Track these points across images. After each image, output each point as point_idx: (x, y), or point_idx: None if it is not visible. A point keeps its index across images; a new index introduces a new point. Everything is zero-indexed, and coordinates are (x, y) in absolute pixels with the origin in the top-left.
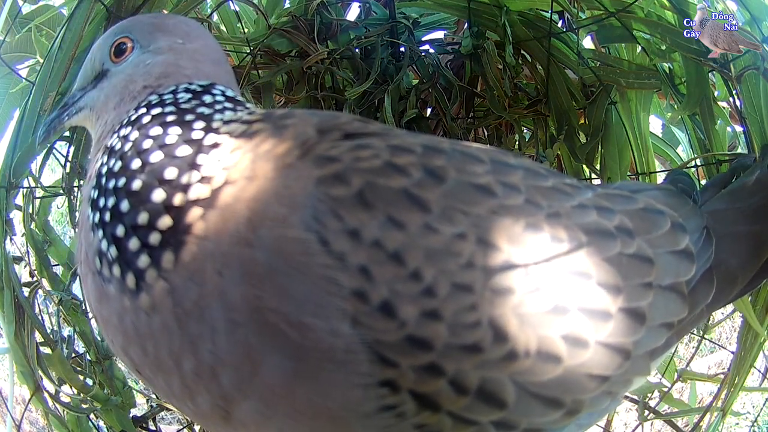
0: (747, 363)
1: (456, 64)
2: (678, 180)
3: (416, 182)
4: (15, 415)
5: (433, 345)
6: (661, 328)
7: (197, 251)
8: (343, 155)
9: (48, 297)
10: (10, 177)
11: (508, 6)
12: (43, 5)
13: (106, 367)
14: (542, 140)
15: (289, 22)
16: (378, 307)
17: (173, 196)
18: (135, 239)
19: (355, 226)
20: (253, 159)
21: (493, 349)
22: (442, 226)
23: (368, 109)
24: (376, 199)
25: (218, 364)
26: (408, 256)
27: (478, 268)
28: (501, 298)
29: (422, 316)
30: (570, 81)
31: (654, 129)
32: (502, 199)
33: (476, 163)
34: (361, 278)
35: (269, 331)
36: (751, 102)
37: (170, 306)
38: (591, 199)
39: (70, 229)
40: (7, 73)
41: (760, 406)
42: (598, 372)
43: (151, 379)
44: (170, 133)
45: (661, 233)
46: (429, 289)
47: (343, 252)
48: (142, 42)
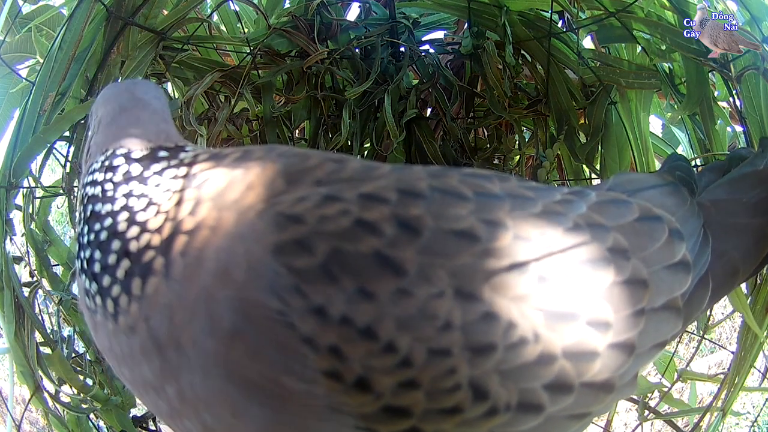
0: (747, 363)
1: (456, 64)
2: (676, 167)
3: (389, 242)
4: (15, 415)
5: (411, 412)
6: (653, 350)
7: (162, 288)
8: (307, 214)
9: (48, 297)
10: (10, 177)
11: (508, 6)
12: (43, 5)
13: (106, 367)
14: (542, 140)
15: (289, 22)
16: (353, 384)
17: (128, 244)
18: (107, 276)
19: (320, 303)
20: (211, 205)
21: (473, 408)
22: (417, 289)
23: (368, 109)
24: (344, 269)
25: (198, 401)
26: (380, 329)
27: (456, 328)
28: (481, 356)
29: (399, 386)
30: (570, 81)
31: (654, 129)
32: (486, 242)
33: (458, 204)
34: (333, 359)
35: (245, 384)
36: (751, 102)
37: (145, 330)
38: (584, 215)
39: (70, 229)
40: (7, 73)
41: (760, 406)
42: (580, 411)
43: (143, 396)
44: (117, 191)
45: (658, 247)
46: (405, 360)
47: (312, 334)
48: (89, 121)
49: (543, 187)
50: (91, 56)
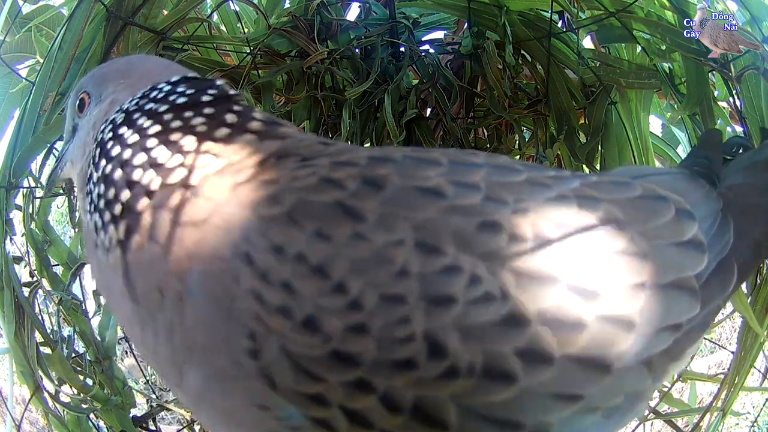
0: (747, 363)
1: (456, 64)
2: (695, 162)
3: (351, 194)
4: (15, 415)
5: (360, 360)
6: (663, 332)
7: (142, 251)
8: (282, 177)
9: (48, 297)
10: (10, 177)
11: (508, 6)
12: (43, 5)
13: (106, 367)
14: (542, 140)
15: (289, 22)
16: (302, 322)
17: (133, 188)
18: (107, 212)
19: (280, 242)
20: (208, 177)
21: (429, 365)
22: (374, 235)
23: (368, 109)
24: (306, 216)
25: (163, 357)
26: (332, 268)
27: (413, 276)
28: (439, 308)
29: (348, 330)
30: (570, 81)
31: (654, 129)
32: (453, 199)
33: (429, 168)
34: (284, 293)
35: (187, 350)
36: (751, 102)
37: (122, 272)
38: (575, 189)
39: (70, 229)
40: (7, 73)
41: (760, 406)
42: (567, 391)
43: (128, 332)
44: (127, 146)
45: (662, 222)
46: (354, 302)
47: (267, 268)
48: (95, 95)
49: (539, 166)
50: (91, 56)
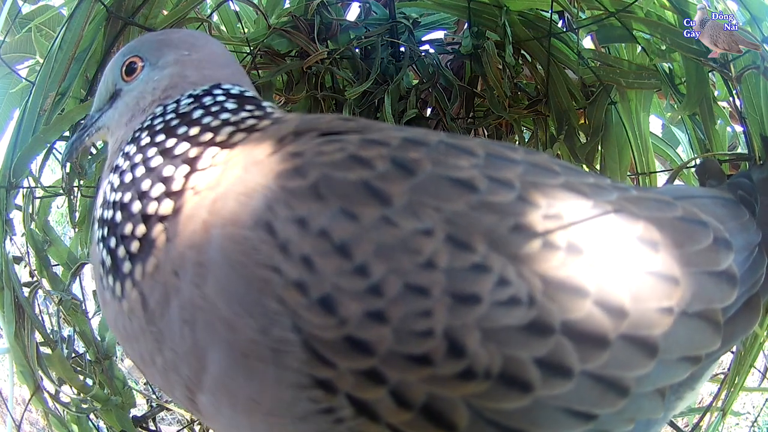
0: (747, 363)
1: (456, 64)
2: (738, 184)
3: (379, 175)
4: (15, 415)
5: (374, 349)
6: (682, 362)
7: (159, 259)
8: (307, 151)
9: (48, 297)
10: (10, 177)
11: (508, 6)
12: (43, 5)
13: (106, 367)
14: (542, 140)
15: (289, 22)
16: (318, 300)
17: (147, 206)
18: (122, 248)
19: (303, 215)
20: (226, 167)
21: (445, 363)
22: (402, 221)
23: (368, 109)
24: (331, 191)
25: (178, 360)
26: (356, 249)
27: (440, 270)
28: (463, 306)
29: (365, 316)
30: (570, 81)
31: (654, 129)
32: (485, 195)
33: (464, 157)
34: (303, 268)
35: (208, 329)
36: (751, 102)
37: (141, 312)
38: (614, 201)
39: (70, 229)
40: (7, 73)
41: (760, 406)
42: (582, 408)
43: (144, 372)
44: (153, 148)
45: (699, 248)
46: (375, 287)
47: (288, 240)
48: (150, 59)
49: (578, 170)
50: (91, 56)
